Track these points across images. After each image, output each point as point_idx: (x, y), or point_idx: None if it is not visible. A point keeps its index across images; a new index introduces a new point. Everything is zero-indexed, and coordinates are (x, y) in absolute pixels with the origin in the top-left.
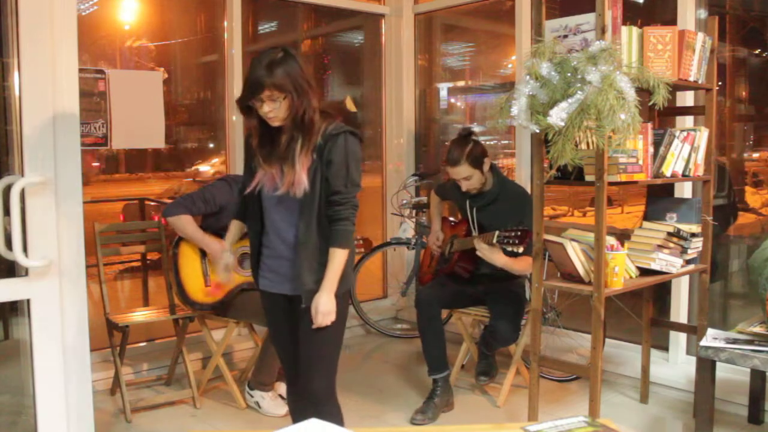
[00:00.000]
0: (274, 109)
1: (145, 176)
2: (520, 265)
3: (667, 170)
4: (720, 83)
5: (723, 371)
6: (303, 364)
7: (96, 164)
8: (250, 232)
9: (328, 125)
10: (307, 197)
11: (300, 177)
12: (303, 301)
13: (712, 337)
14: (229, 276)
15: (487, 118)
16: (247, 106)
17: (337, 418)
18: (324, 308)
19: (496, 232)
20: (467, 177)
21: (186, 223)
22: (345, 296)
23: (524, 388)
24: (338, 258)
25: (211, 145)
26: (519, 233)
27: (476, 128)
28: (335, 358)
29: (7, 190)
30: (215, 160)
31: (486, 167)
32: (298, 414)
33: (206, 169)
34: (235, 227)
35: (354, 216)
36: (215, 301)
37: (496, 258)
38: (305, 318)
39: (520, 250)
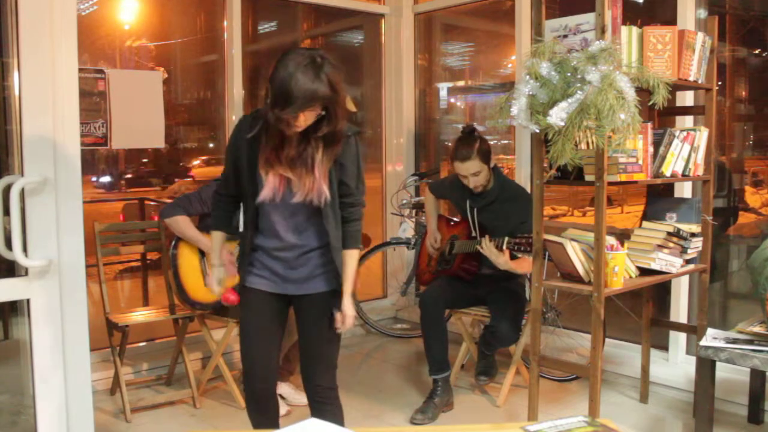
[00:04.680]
0: (307, 119)
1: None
2: (523, 268)
3: (666, 170)
4: (720, 83)
5: (723, 371)
6: (306, 361)
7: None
8: (244, 236)
9: None
10: (330, 201)
11: (320, 185)
12: (334, 305)
13: (712, 337)
14: (222, 289)
15: (487, 118)
16: (281, 118)
17: (339, 418)
18: (351, 311)
19: (506, 238)
20: (476, 173)
21: (183, 224)
22: None
23: (524, 388)
24: (355, 259)
25: (211, 145)
26: (531, 240)
27: (476, 127)
28: (336, 356)
29: (7, 189)
30: (215, 161)
31: (492, 163)
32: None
33: (206, 169)
34: (218, 239)
35: (362, 215)
36: (215, 300)
37: (502, 261)
38: (322, 319)
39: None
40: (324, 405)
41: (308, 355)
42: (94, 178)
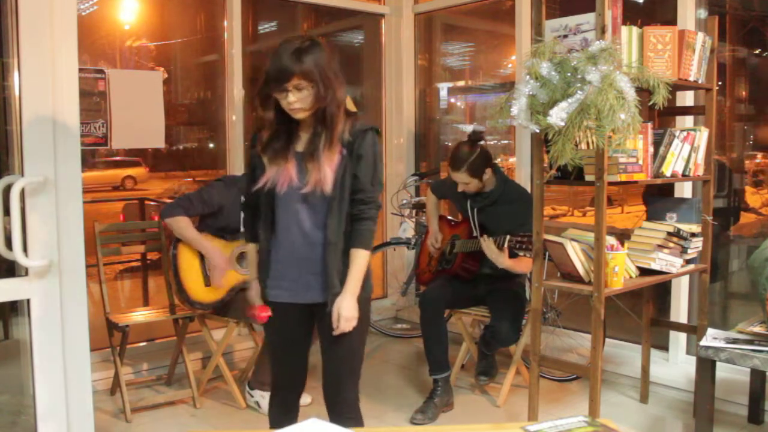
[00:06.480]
0: (300, 99)
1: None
2: (522, 267)
3: (667, 170)
4: (720, 83)
5: (723, 371)
6: (330, 374)
7: None
8: (261, 237)
9: (355, 122)
10: (336, 195)
11: (326, 173)
12: (328, 305)
13: (712, 337)
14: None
15: (487, 118)
16: (266, 96)
17: (360, 425)
18: (347, 313)
19: (507, 237)
20: (465, 183)
21: (183, 225)
22: (368, 301)
23: (524, 388)
24: (362, 259)
25: (211, 145)
26: (531, 238)
27: (483, 136)
28: (361, 366)
29: (7, 190)
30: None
31: (486, 176)
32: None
33: (205, 169)
34: (253, 253)
35: (377, 216)
36: (215, 300)
37: (503, 260)
38: (330, 325)
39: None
40: (350, 420)
41: (332, 368)
42: None
